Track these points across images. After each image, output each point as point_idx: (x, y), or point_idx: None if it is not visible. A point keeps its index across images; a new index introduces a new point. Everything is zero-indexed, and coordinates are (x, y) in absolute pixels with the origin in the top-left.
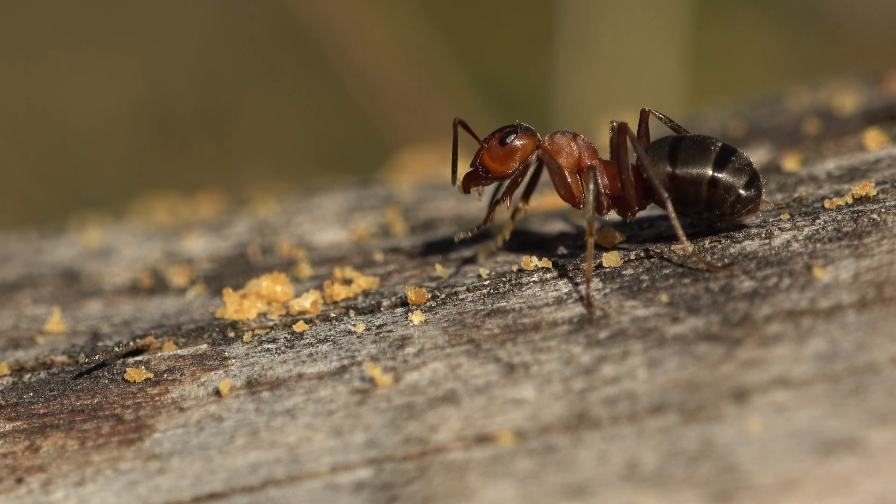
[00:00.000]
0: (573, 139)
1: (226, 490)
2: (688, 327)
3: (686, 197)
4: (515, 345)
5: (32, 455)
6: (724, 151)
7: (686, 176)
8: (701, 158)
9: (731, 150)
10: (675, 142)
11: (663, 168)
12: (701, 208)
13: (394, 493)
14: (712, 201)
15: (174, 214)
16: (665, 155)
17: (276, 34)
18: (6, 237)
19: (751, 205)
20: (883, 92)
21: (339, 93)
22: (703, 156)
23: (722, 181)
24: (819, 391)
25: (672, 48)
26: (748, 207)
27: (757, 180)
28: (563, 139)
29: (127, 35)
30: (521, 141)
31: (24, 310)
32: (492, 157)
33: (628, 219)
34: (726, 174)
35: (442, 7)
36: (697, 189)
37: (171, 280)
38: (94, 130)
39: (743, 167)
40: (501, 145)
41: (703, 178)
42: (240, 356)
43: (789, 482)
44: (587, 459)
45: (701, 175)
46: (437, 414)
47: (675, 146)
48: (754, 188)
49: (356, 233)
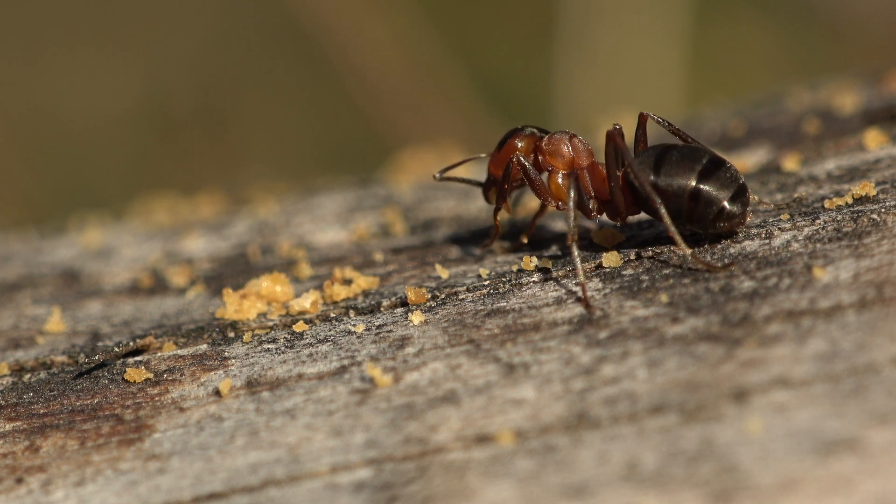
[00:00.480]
0: (569, 140)
1: (226, 490)
2: (688, 327)
3: (668, 208)
4: (515, 345)
5: (32, 455)
6: (710, 164)
7: (667, 187)
8: (685, 170)
9: (720, 163)
10: (663, 151)
11: (646, 177)
12: (683, 220)
13: (394, 493)
14: (693, 214)
15: (174, 214)
16: (650, 164)
17: (276, 34)
18: (6, 237)
19: (735, 219)
20: (883, 92)
21: (339, 93)
22: (687, 168)
23: (704, 194)
24: (819, 391)
25: (672, 48)
26: (732, 222)
27: (743, 195)
28: (559, 141)
29: (127, 35)
30: (517, 142)
31: (24, 310)
32: (494, 164)
33: (618, 223)
34: (709, 187)
35: (442, 7)
36: (678, 201)
37: (171, 280)
38: (94, 130)
39: (729, 181)
40: (497, 150)
41: (685, 191)
42: (240, 356)
43: (789, 482)
44: (587, 459)
45: (682, 187)
46: (437, 414)
47: (661, 156)
48: (739, 203)
49: (356, 233)
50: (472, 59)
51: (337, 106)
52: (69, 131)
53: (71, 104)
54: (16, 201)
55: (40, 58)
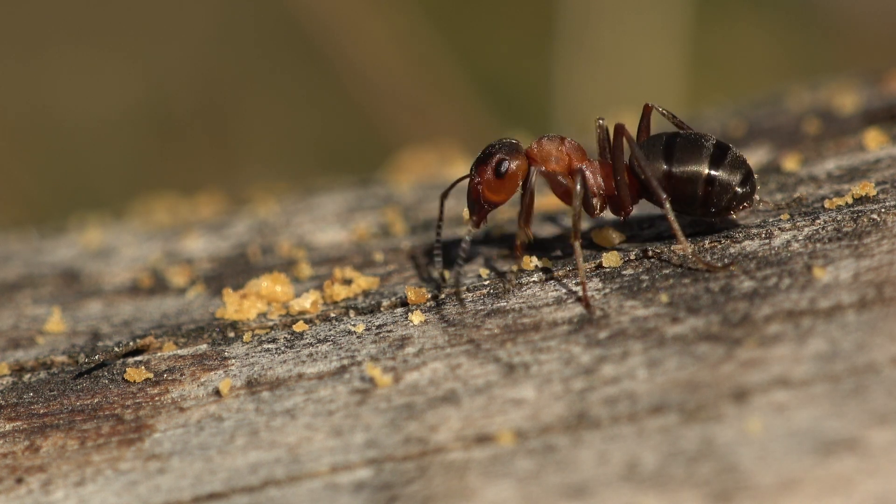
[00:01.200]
0: (560, 143)
1: (226, 490)
2: (688, 327)
3: (683, 195)
4: (515, 345)
5: (32, 455)
6: (718, 149)
7: (683, 174)
8: (697, 156)
9: (726, 147)
10: (669, 140)
11: (659, 167)
12: (697, 206)
13: (394, 493)
14: (709, 199)
15: (174, 214)
16: (660, 153)
17: (276, 34)
18: (6, 237)
19: (746, 201)
20: (883, 92)
21: (339, 93)
22: (699, 154)
23: (718, 179)
24: (819, 391)
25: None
26: (743, 204)
27: (751, 177)
28: (551, 145)
29: (127, 35)
30: (514, 164)
31: (24, 310)
32: (493, 191)
33: (622, 217)
34: (723, 172)
35: (442, 7)
36: (694, 187)
37: (171, 280)
38: (94, 130)
39: (737, 164)
40: (497, 177)
41: (700, 176)
42: (240, 356)
43: (789, 482)
44: (587, 459)
45: (698, 173)
46: (437, 414)
47: (669, 144)
48: (749, 185)
49: (356, 233)
50: (472, 60)
51: (337, 106)
52: (69, 131)
53: (71, 104)
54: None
55: (40, 58)
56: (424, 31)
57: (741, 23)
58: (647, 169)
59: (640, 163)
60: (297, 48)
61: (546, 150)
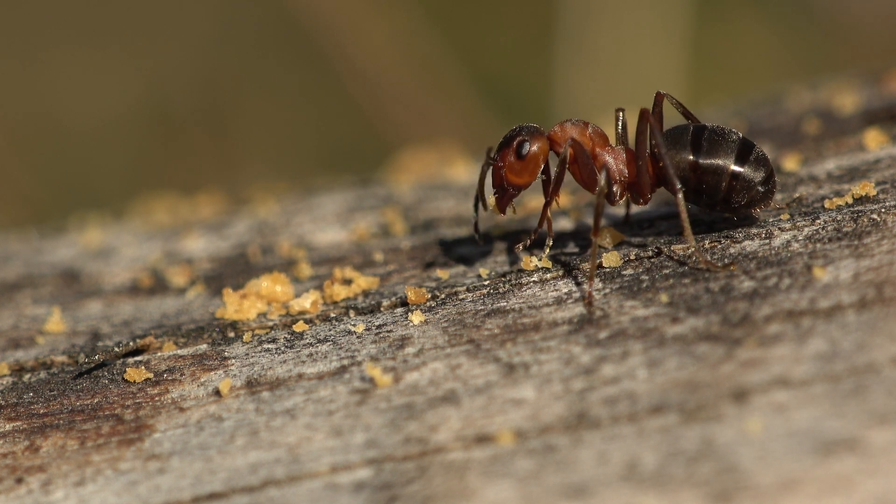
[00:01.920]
0: (584, 127)
1: (226, 490)
2: (688, 327)
3: (706, 187)
4: (515, 345)
5: (32, 455)
6: (744, 145)
7: (709, 166)
8: (725, 149)
9: (751, 144)
10: (697, 130)
11: (685, 157)
12: (717, 199)
13: (394, 493)
14: (731, 193)
15: (174, 214)
16: (687, 144)
17: (276, 34)
18: (6, 237)
19: (767, 199)
20: (883, 92)
21: (339, 93)
22: (727, 147)
23: (743, 174)
24: (819, 391)
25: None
26: (763, 202)
27: (773, 176)
28: (574, 128)
29: (127, 35)
30: (536, 145)
31: (24, 310)
32: (516, 173)
33: (640, 204)
34: (748, 167)
35: (442, 6)
36: (718, 180)
37: (171, 280)
38: (94, 130)
39: (762, 161)
40: (519, 159)
41: (726, 170)
42: (240, 356)
43: (789, 482)
44: (587, 459)
45: (724, 166)
46: (437, 414)
47: (697, 135)
48: (771, 183)
49: (356, 233)
50: (472, 59)
51: (337, 106)
52: (69, 131)
53: (71, 104)
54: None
55: (40, 58)
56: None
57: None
58: (666, 157)
59: (661, 150)
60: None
61: (569, 134)
